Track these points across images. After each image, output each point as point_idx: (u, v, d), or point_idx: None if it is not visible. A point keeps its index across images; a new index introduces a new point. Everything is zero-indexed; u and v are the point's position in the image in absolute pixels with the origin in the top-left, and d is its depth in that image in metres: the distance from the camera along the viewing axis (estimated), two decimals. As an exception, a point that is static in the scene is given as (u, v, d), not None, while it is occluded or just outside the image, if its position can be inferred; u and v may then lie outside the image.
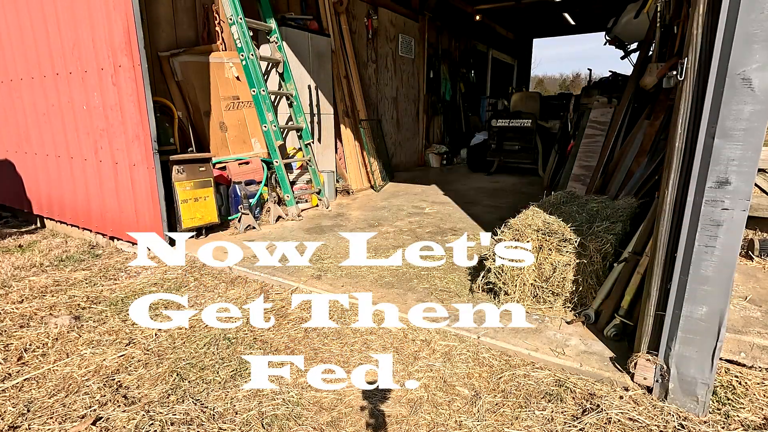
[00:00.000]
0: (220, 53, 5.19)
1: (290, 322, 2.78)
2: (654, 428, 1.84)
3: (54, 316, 2.85)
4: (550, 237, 2.70)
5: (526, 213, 3.06)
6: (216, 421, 1.92)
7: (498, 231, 2.92)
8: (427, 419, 1.93)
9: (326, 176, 5.90)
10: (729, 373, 2.18)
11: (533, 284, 2.79)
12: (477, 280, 3.09)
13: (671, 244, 1.90)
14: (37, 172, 4.99)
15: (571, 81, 38.78)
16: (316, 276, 3.45)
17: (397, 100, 8.81)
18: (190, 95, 4.99)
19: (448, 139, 10.77)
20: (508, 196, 6.53)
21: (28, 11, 4.38)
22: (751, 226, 3.60)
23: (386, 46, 8.19)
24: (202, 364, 2.34)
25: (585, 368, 2.19)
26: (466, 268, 3.58)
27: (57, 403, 2.04)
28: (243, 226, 4.58)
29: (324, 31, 6.36)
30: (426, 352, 2.43)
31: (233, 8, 4.74)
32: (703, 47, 1.72)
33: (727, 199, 1.71)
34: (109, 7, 3.64)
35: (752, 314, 2.47)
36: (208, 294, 3.21)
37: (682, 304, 1.87)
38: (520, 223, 2.87)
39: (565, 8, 11.47)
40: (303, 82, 5.97)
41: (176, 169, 4.07)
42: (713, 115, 1.69)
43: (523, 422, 1.90)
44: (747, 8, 1.57)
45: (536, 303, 2.81)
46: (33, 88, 4.63)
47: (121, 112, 3.86)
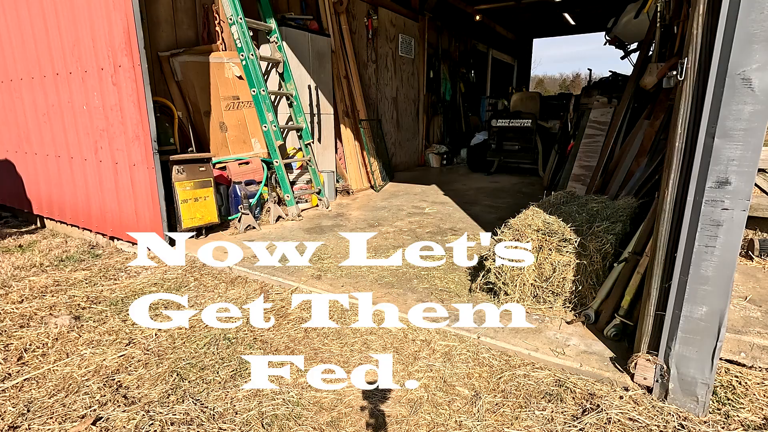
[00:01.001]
0: (220, 53, 5.19)
1: (290, 322, 2.78)
2: (654, 428, 1.84)
3: (54, 316, 2.85)
4: (550, 237, 2.70)
5: (526, 213, 3.06)
6: (216, 421, 1.92)
7: (498, 231, 2.92)
8: (427, 419, 1.93)
9: (326, 176, 5.90)
10: (729, 373, 2.18)
11: (533, 284, 2.79)
12: (477, 280, 3.09)
13: (671, 244, 1.90)
14: (37, 172, 5.00)
15: (571, 81, 38.79)
16: (316, 276, 3.45)
17: (397, 100, 8.81)
18: (190, 95, 4.99)
19: (448, 139, 10.76)
20: (507, 196, 6.53)
21: (28, 11, 4.39)
22: (751, 226, 3.60)
23: (386, 46, 8.18)
24: (202, 364, 2.34)
25: (585, 368, 2.19)
26: (466, 268, 3.58)
27: (57, 403, 2.04)
28: (243, 226, 4.58)
29: (324, 31, 6.36)
30: (426, 352, 2.43)
31: (233, 8, 4.74)
32: (703, 47, 1.72)
33: (727, 199, 1.71)
34: (109, 7, 3.64)
35: (752, 314, 2.47)
36: (208, 294, 3.21)
37: (682, 304, 1.87)
38: (519, 223, 2.88)
39: (565, 8, 11.48)
40: (303, 82, 5.97)
41: (176, 169, 4.07)
42: (713, 115, 1.69)
43: (523, 422, 1.90)
44: (747, 8, 1.57)
45: (536, 303, 2.81)
46: (33, 88, 4.63)
47: (121, 112, 3.86)
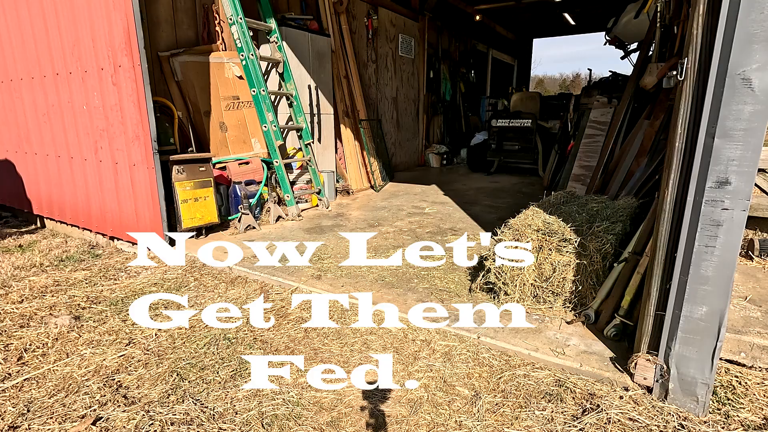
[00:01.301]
0: (220, 53, 5.19)
1: (290, 322, 2.78)
2: (654, 428, 1.84)
3: (54, 316, 2.85)
4: (550, 237, 2.70)
5: (526, 213, 3.06)
6: (216, 421, 1.92)
7: (498, 231, 2.92)
8: (427, 419, 1.93)
9: (326, 176, 5.90)
10: (729, 373, 2.18)
11: (533, 284, 2.79)
12: (477, 280, 3.09)
13: (671, 244, 1.90)
14: (37, 172, 5.00)
15: (571, 81, 38.79)
16: (316, 276, 3.45)
17: (397, 100, 8.80)
18: (190, 95, 4.99)
19: (448, 139, 10.76)
20: (507, 196, 6.52)
21: (28, 11, 4.39)
22: (751, 226, 3.60)
23: (386, 46, 8.18)
24: (202, 364, 2.34)
25: (585, 368, 2.19)
26: (466, 268, 3.58)
27: (57, 403, 2.04)
28: (243, 226, 4.58)
29: (324, 31, 6.36)
30: (426, 352, 2.43)
31: (233, 8, 4.74)
32: (703, 47, 1.71)
33: (727, 199, 1.71)
34: (109, 7, 3.64)
35: (752, 314, 2.47)
36: (208, 294, 3.21)
37: (682, 304, 1.87)
38: (519, 223, 2.87)
39: (565, 8, 11.48)
40: (303, 82, 5.97)
41: (176, 169, 4.07)
42: (713, 115, 1.69)
43: (523, 422, 1.90)
44: (747, 8, 1.57)
45: (536, 303, 2.81)
46: (33, 88, 4.63)
47: (121, 112, 3.86)
